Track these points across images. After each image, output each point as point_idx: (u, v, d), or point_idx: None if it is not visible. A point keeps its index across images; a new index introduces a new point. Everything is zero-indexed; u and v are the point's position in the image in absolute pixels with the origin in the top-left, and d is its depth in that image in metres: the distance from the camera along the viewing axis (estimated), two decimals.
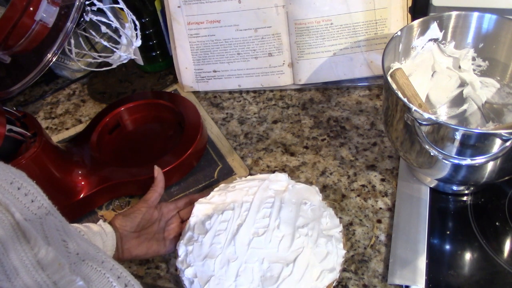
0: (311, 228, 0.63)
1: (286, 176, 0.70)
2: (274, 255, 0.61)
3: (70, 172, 0.74)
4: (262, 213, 0.65)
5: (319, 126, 0.84)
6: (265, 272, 0.60)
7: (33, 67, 0.69)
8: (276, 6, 0.84)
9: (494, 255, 0.63)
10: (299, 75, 0.90)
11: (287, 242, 0.62)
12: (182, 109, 0.83)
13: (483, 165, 0.58)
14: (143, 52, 0.96)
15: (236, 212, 0.65)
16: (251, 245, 0.62)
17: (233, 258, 0.61)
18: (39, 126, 0.70)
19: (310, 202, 0.66)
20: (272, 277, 0.59)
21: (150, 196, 0.67)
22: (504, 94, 0.72)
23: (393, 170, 0.75)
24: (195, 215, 0.67)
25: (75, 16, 0.65)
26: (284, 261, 0.60)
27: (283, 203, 0.65)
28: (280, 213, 0.64)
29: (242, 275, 0.60)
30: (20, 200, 0.40)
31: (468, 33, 0.71)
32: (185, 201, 0.70)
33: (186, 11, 0.88)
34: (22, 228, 0.37)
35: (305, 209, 0.65)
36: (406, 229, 0.66)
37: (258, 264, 0.60)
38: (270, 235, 0.62)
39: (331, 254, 0.61)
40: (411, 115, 0.57)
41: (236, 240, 0.62)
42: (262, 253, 0.61)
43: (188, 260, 0.62)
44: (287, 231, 0.62)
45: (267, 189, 0.68)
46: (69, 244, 0.41)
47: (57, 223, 0.42)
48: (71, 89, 1.02)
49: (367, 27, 0.84)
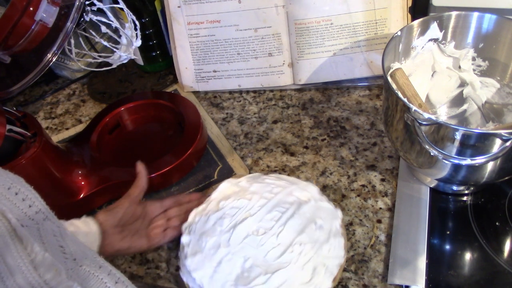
0: (310, 248, 0.61)
1: (317, 189, 0.68)
2: (260, 259, 0.60)
3: (70, 172, 0.74)
4: (272, 215, 0.64)
5: (319, 126, 0.84)
6: (243, 271, 0.60)
7: (33, 67, 0.69)
8: (276, 6, 0.84)
9: (494, 255, 0.63)
10: (299, 75, 0.90)
11: (278, 251, 0.61)
12: (182, 109, 0.83)
13: (483, 165, 0.58)
14: (143, 52, 0.96)
15: (251, 203, 0.65)
16: (246, 240, 0.62)
17: (225, 245, 0.62)
18: (39, 126, 0.70)
19: (322, 223, 0.63)
20: (247, 278, 0.59)
21: (132, 191, 0.66)
22: (504, 94, 0.72)
23: (393, 170, 0.75)
24: (219, 191, 0.68)
25: (75, 16, 0.65)
26: (264, 269, 0.59)
27: (296, 213, 0.64)
28: (288, 221, 0.63)
29: (224, 264, 0.60)
30: (17, 206, 0.40)
31: (468, 33, 0.71)
32: (172, 201, 0.70)
33: (186, 11, 0.88)
34: (19, 234, 0.37)
35: (312, 228, 0.63)
36: (406, 229, 0.66)
37: (242, 261, 0.60)
38: (266, 239, 0.62)
39: (313, 282, 0.59)
40: (411, 115, 0.57)
41: (235, 229, 0.63)
42: (250, 252, 0.61)
43: (190, 227, 0.65)
44: (284, 242, 0.62)
45: (290, 194, 0.66)
46: (66, 249, 0.41)
47: (54, 228, 0.42)
48: (71, 89, 1.02)
49: (367, 27, 0.84)
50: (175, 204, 0.70)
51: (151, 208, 0.68)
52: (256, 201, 0.66)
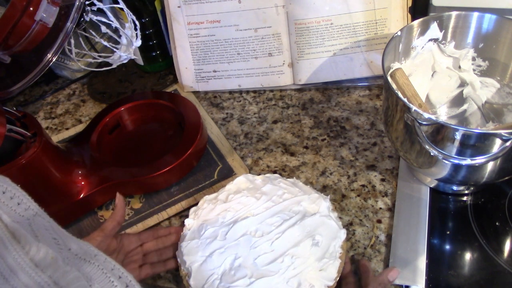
0: (300, 263, 0.59)
1: (327, 205, 0.65)
2: (249, 261, 0.60)
3: (70, 172, 0.74)
4: (274, 220, 0.63)
5: (319, 126, 0.84)
6: (231, 268, 0.59)
7: (33, 67, 0.69)
8: (276, 6, 0.84)
9: (494, 255, 0.63)
10: (299, 75, 0.90)
11: (268, 258, 0.60)
12: (182, 109, 0.83)
13: (483, 165, 0.58)
14: (143, 52, 0.96)
15: (258, 203, 0.65)
16: (241, 238, 0.62)
17: (221, 238, 0.62)
18: (39, 126, 0.70)
19: (320, 241, 0.60)
20: (232, 276, 0.59)
21: (107, 225, 0.60)
22: (504, 94, 0.72)
23: (393, 170, 0.75)
24: (234, 183, 0.69)
25: (75, 16, 0.65)
26: (251, 272, 0.59)
27: (297, 224, 0.62)
28: (288, 230, 0.61)
29: (215, 256, 0.60)
30: (6, 204, 0.40)
31: (468, 33, 0.71)
32: (150, 234, 0.66)
33: (186, 11, 0.88)
34: (11, 230, 0.37)
35: (308, 244, 0.60)
36: (406, 229, 0.66)
37: (232, 258, 0.60)
38: (261, 243, 0.61)
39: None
40: (411, 115, 0.57)
41: (235, 225, 0.63)
42: (242, 252, 0.61)
43: (197, 212, 0.66)
44: (277, 250, 0.60)
45: (298, 204, 0.65)
46: (60, 241, 0.40)
47: (45, 223, 0.41)
48: (71, 89, 1.02)
49: (367, 27, 0.84)
50: (153, 237, 0.66)
51: (127, 242, 0.63)
52: (263, 202, 0.65)
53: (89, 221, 0.75)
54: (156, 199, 0.76)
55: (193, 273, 0.60)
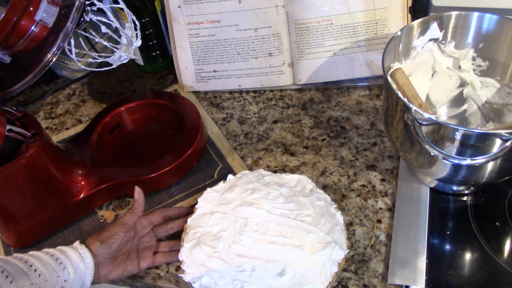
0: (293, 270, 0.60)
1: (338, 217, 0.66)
2: (246, 252, 0.61)
3: (70, 172, 0.74)
4: (289, 222, 0.63)
5: (319, 126, 0.84)
6: (229, 250, 0.61)
7: (33, 67, 0.68)
8: (276, 6, 0.84)
9: (494, 255, 0.63)
10: (299, 75, 0.90)
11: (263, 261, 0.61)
12: (182, 109, 0.83)
13: (483, 165, 0.58)
14: (143, 52, 0.96)
15: (275, 202, 0.66)
16: (244, 228, 0.63)
17: (225, 225, 0.64)
18: (39, 126, 0.70)
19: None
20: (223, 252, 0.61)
21: (128, 219, 0.64)
22: (504, 94, 0.72)
23: (393, 170, 0.75)
24: (258, 170, 0.72)
25: (75, 16, 0.65)
26: (246, 260, 0.60)
27: (302, 227, 0.63)
28: (282, 241, 0.62)
29: (215, 240, 0.62)
30: None
31: (468, 33, 0.71)
32: (159, 215, 0.69)
33: (186, 11, 0.88)
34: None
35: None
36: (406, 229, 0.66)
37: (228, 243, 0.62)
38: (259, 239, 0.62)
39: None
40: (411, 115, 0.57)
41: (239, 213, 0.64)
42: (241, 240, 0.62)
43: (210, 195, 0.69)
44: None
45: (325, 214, 0.65)
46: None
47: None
48: (71, 89, 1.02)
49: (367, 27, 0.84)
50: (163, 218, 0.69)
51: (140, 227, 0.67)
52: (281, 199, 0.66)
53: (89, 221, 0.75)
54: (156, 199, 0.76)
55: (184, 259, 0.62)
